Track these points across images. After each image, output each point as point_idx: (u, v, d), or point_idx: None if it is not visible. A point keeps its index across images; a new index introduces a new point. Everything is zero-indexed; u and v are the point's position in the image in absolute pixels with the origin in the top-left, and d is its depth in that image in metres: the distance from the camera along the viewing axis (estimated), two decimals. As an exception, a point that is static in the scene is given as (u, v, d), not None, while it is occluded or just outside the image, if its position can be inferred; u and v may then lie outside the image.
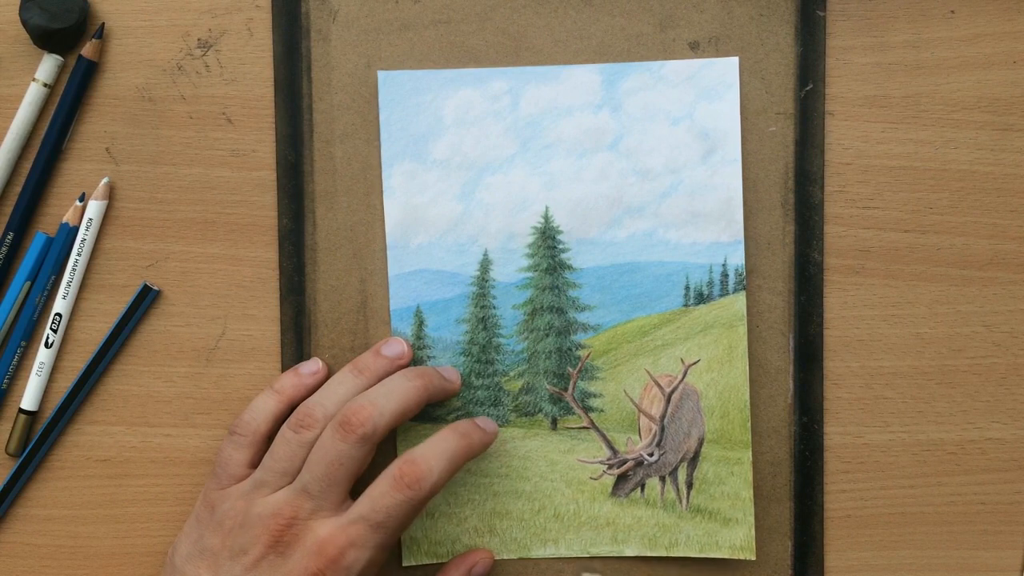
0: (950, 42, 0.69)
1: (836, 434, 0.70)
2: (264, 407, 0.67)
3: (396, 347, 0.68)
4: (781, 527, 0.70)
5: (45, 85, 0.69)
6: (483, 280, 0.69)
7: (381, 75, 0.68)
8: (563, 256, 0.69)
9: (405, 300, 0.69)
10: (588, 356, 0.70)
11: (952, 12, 0.69)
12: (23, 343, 0.70)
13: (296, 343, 0.70)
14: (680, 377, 0.69)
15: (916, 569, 0.71)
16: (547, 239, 0.69)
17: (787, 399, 0.70)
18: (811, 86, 0.68)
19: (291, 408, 0.67)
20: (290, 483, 0.64)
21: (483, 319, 0.70)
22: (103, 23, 0.69)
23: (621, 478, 0.70)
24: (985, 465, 0.71)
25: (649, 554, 0.70)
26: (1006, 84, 0.69)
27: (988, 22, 0.69)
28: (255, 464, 0.66)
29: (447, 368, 0.69)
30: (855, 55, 0.69)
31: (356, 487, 0.64)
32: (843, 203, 0.70)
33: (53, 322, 0.70)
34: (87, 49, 0.68)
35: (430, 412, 0.70)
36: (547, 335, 0.70)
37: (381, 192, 0.69)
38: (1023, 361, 0.70)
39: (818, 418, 0.70)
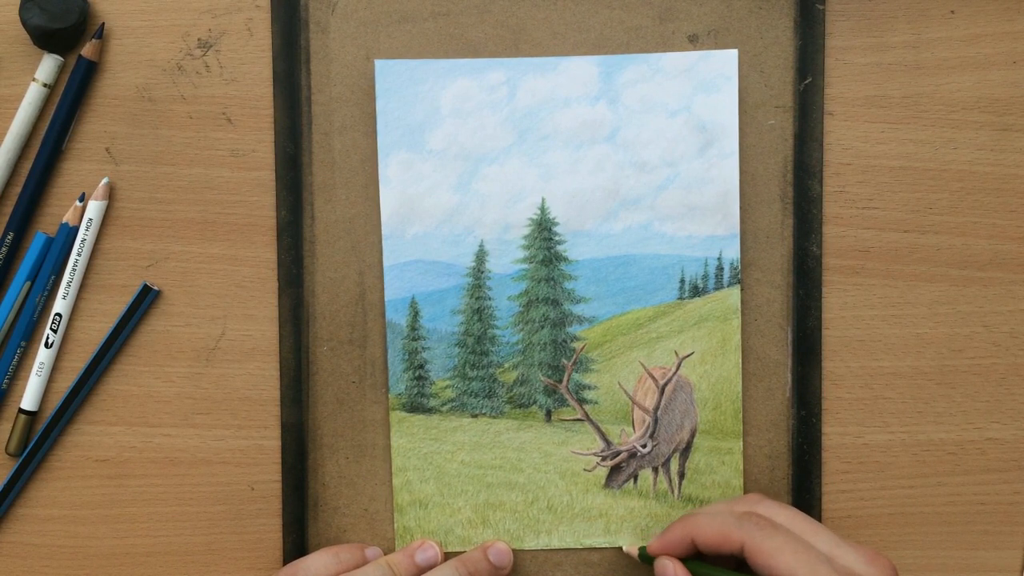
0: (950, 42, 0.69)
1: (836, 434, 0.70)
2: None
3: (430, 552, 0.69)
4: (778, 521, 0.70)
5: (45, 85, 0.69)
6: (479, 271, 0.69)
7: (378, 64, 0.68)
8: (559, 248, 0.69)
9: (400, 291, 0.69)
10: (583, 348, 0.70)
11: (952, 12, 0.69)
12: (23, 343, 0.70)
13: (294, 336, 0.70)
14: (674, 369, 0.69)
15: (916, 569, 0.70)
16: (543, 231, 0.69)
17: (785, 393, 0.69)
18: (810, 79, 0.68)
19: None
20: None
21: (478, 310, 0.69)
22: (103, 23, 0.69)
23: (614, 469, 0.70)
24: (985, 465, 0.70)
25: (643, 545, 0.69)
26: (1006, 84, 0.69)
27: (988, 22, 0.69)
28: None
29: (498, 550, 0.69)
30: (855, 55, 0.69)
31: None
32: (843, 203, 0.69)
33: (53, 322, 0.70)
34: (87, 49, 0.69)
35: (423, 403, 0.70)
36: (542, 327, 0.70)
37: (379, 184, 0.69)
38: (1023, 361, 0.70)
39: (816, 412, 0.69)
